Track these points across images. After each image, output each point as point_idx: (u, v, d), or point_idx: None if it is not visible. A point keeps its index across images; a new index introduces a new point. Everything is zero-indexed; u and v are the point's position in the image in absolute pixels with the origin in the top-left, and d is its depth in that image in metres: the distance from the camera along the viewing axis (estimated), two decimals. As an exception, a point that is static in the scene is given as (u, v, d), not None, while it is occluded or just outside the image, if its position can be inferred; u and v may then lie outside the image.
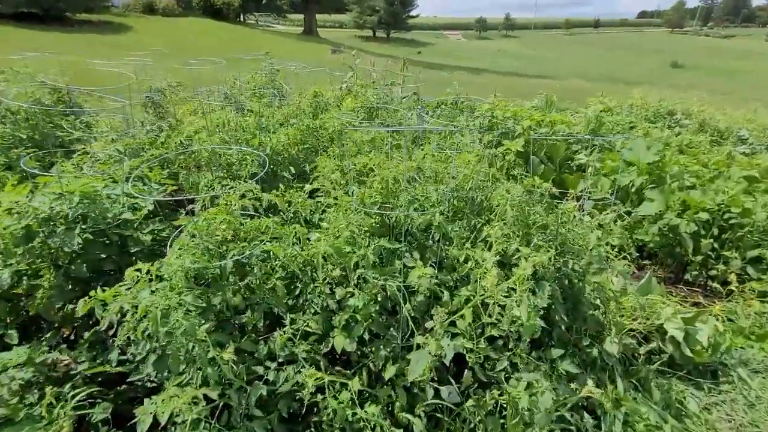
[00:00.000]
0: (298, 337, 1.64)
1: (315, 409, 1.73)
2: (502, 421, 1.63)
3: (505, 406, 1.62)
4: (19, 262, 1.86)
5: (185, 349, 1.48)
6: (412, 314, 1.75)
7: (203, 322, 1.56)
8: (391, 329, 1.80)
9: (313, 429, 1.70)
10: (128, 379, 1.79)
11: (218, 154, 2.46)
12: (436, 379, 1.84)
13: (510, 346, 1.60)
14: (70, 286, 1.99)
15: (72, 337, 2.10)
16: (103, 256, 2.06)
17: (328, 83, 5.36)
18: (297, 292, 1.83)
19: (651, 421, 1.84)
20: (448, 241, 1.81)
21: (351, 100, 3.88)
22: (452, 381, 1.72)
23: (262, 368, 1.61)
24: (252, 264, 1.68)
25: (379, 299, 1.79)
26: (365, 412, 1.61)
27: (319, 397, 1.68)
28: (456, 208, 2.09)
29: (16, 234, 1.79)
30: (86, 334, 1.90)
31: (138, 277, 1.53)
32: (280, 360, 1.66)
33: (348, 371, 1.86)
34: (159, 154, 2.43)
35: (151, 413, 1.33)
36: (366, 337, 1.81)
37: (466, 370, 1.72)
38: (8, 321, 2.07)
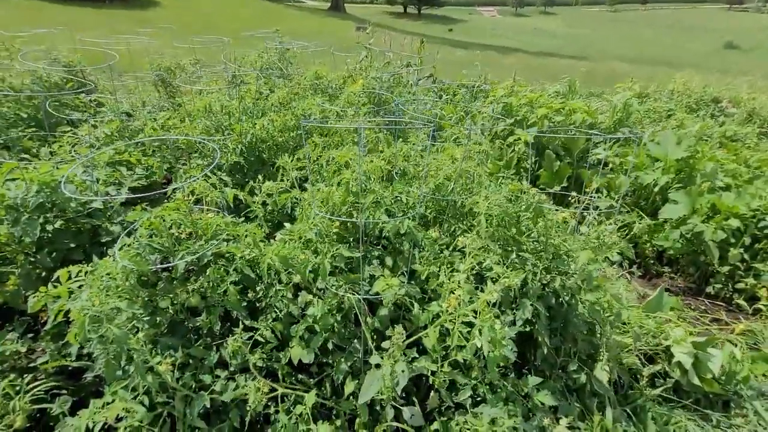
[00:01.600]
0: (249, 346, 1.53)
1: (272, 419, 1.64)
2: (467, 450, 1.48)
3: (471, 434, 1.47)
4: (-16, 250, 1.83)
5: (126, 355, 1.40)
6: (377, 326, 1.61)
7: (147, 327, 1.47)
8: (355, 341, 1.67)
9: (266, 441, 1.62)
10: (84, 375, 1.76)
11: (198, 141, 2.34)
12: (403, 396, 1.71)
13: (474, 375, 1.43)
14: (38, 275, 1.97)
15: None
16: (72, 245, 2.02)
17: (342, 63, 5.12)
18: (259, 294, 1.72)
19: (642, 458, 1.65)
20: (421, 249, 1.64)
21: (361, 82, 3.65)
22: (415, 402, 1.57)
23: (210, 377, 1.51)
24: (205, 265, 1.57)
25: (344, 308, 1.65)
26: (318, 429, 1.50)
27: (273, 409, 1.58)
28: (439, 209, 1.89)
29: (-22, 222, 1.75)
30: (48, 326, 1.86)
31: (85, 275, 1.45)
32: (232, 368, 1.56)
33: (311, 381, 1.76)
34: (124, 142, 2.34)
35: (75, 427, 1.26)
36: (330, 347, 1.69)
37: (432, 392, 1.57)
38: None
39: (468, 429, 1.44)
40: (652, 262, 3.15)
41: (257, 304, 1.76)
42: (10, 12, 12.44)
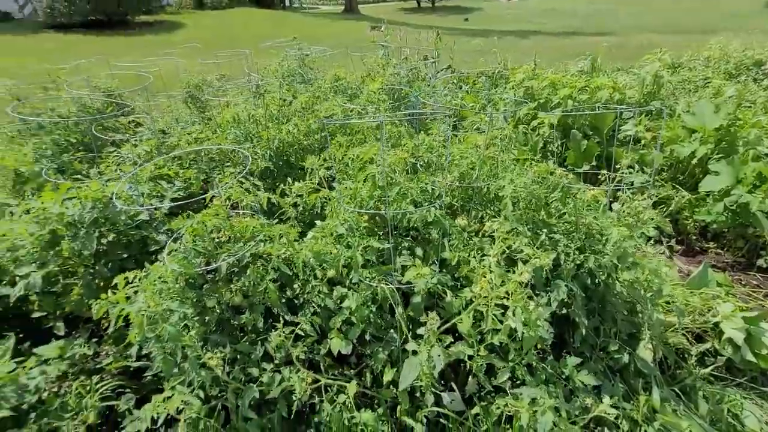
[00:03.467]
0: (291, 339, 1.61)
1: (317, 408, 1.72)
2: (510, 432, 1.50)
3: (512, 415, 1.49)
4: (49, 264, 2.01)
5: (180, 353, 1.51)
6: (411, 314, 1.65)
7: (197, 325, 1.58)
8: (391, 330, 1.71)
9: (313, 429, 1.69)
10: (144, 374, 1.90)
11: (229, 150, 2.46)
12: (441, 382, 1.74)
13: (511, 357, 1.44)
14: (97, 285, 2.14)
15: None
16: (125, 255, 2.18)
17: (360, 63, 5.20)
18: (297, 291, 1.80)
19: (693, 438, 1.59)
20: (450, 237, 1.66)
21: (380, 80, 3.69)
22: (455, 388, 1.60)
23: (257, 370, 1.61)
24: (245, 266, 1.66)
25: (378, 299, 1.70)
26: (361, 417, 1.56)
27: (317, 399, 1.66)
28: (466, 197, 1.91)
29: (42, 239, 1.93)
30: (110, 330, 2.02)
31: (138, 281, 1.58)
32: (277, 361, 1.64)
33: (351, 371, 1.82)
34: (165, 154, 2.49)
35: (141, 419, 1.38)
36: (367, 337, 1.75)
37: (470, 377, 1.59)
38: (56, 314, 2.28)
39: (509, 411, 1.45)
40: (695, 238, 3.01)
41: (295, 301, 1.84)
42: (53, 45, 13.40)
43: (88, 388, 1.86)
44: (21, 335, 2.21)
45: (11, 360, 1.75)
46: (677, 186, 3.15)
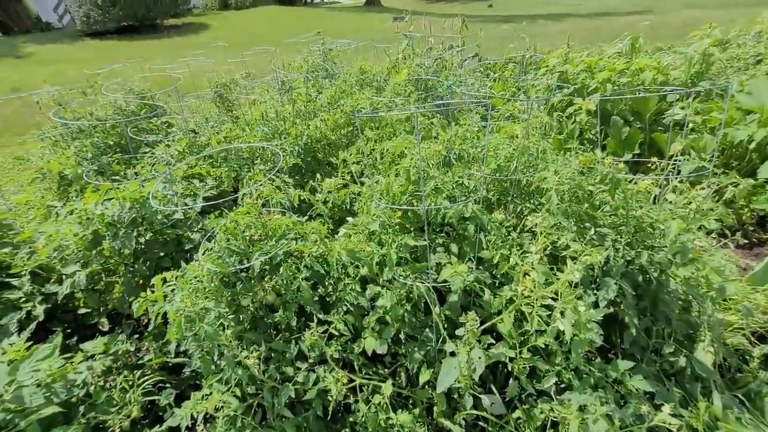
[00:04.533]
0: (325, 338, 1.58)
1: (352, 408, 1.69)
2: (554, 438, 1.42)
3: (557, 421, 1.41)
4: (92, 263, 2.08)
5: (217, 351, 1.52)
6: (447, 314, 1.59)
7: (233, 324, 1.58)
8: (427, 330, 1.66)
9: (348, 429, 1.67)
10: (183, 370, 1.94)
11: (257, 148, 2.46)
12: (479, 384, 1.68)
13: (558, 361, 1.36)
14: (137, 282, 2.20)
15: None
16: (161, 254, 2.23)
17: (384, 55, 5.13)
18: (329, 289, 1.78)
19: (760, 448, 1.46)
20: (487, 233, 1.58)
21: (405, 71, 3.61)
22: (494, 390, 1.53)
23: (292, 369, 1.59)
24: (278, 264, 1.65)
25: (413, 297, 1.65)
26: (398, 418, 1.52)
27: (352, 399, 1.63)
28: (502, 190, 1.82)
29: (86, 239, 2.00)
30: (150, 326, 2.08)
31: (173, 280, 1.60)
32: (311, 360, 1.63)
33: (385, 371, 1.78)
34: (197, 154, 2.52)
35: (181, 417, 1.39)
36: (401, 337, 1.71)
37: (511, 380, 1.52)
38: (100, 311, 2.37)
39: (555, 417, 1.37)
40: (752, 229, 2.78)
41: (327, 299, 1.82)
42: (90, 52, 14.04)
43: (131, 382, 1.92)
44: (68, 330, 2.31)
45: (60, 356, 1.81)
46: (732, 171, 2.91)
